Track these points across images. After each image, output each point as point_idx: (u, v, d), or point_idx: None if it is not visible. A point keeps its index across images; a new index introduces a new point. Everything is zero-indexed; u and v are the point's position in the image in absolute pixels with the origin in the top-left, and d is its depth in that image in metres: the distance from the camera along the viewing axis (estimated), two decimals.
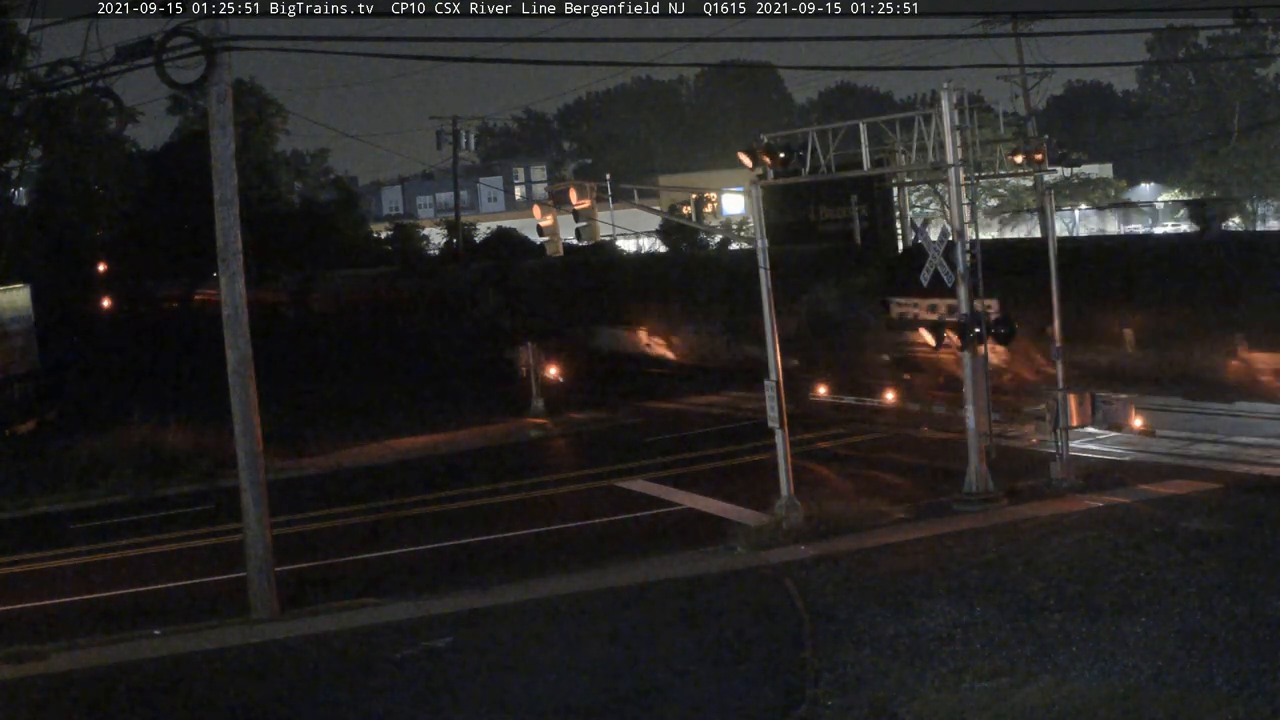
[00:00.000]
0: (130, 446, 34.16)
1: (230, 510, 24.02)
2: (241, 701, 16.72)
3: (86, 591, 23.71)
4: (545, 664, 17.09)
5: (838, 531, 22.59)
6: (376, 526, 27.26)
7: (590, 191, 25.73)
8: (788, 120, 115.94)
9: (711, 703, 15.33)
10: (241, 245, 20.63)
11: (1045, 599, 17.74)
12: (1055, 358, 25.81)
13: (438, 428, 38.66)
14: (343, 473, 33.69)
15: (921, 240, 25.43)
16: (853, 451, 31.02)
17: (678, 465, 30.77)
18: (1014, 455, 27.58)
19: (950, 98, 24.06)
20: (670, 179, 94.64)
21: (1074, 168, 56.83)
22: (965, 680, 15.14)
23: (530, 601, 20.16)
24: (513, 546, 24.80)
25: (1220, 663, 14.87)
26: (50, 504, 31.54)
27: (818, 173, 25.86)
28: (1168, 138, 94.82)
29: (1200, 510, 22.04)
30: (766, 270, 23.47)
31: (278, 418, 32.69)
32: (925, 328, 24.53)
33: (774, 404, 23.26)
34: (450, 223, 75.04)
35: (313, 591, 21.93)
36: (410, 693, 16.43)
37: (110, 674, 18.07)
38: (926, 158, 25.30)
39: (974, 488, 23.88)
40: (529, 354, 39.65)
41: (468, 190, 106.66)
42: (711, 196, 64.93)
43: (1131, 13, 70.34)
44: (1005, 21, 54.91)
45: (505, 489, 30.09)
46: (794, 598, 19.07)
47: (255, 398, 20.68)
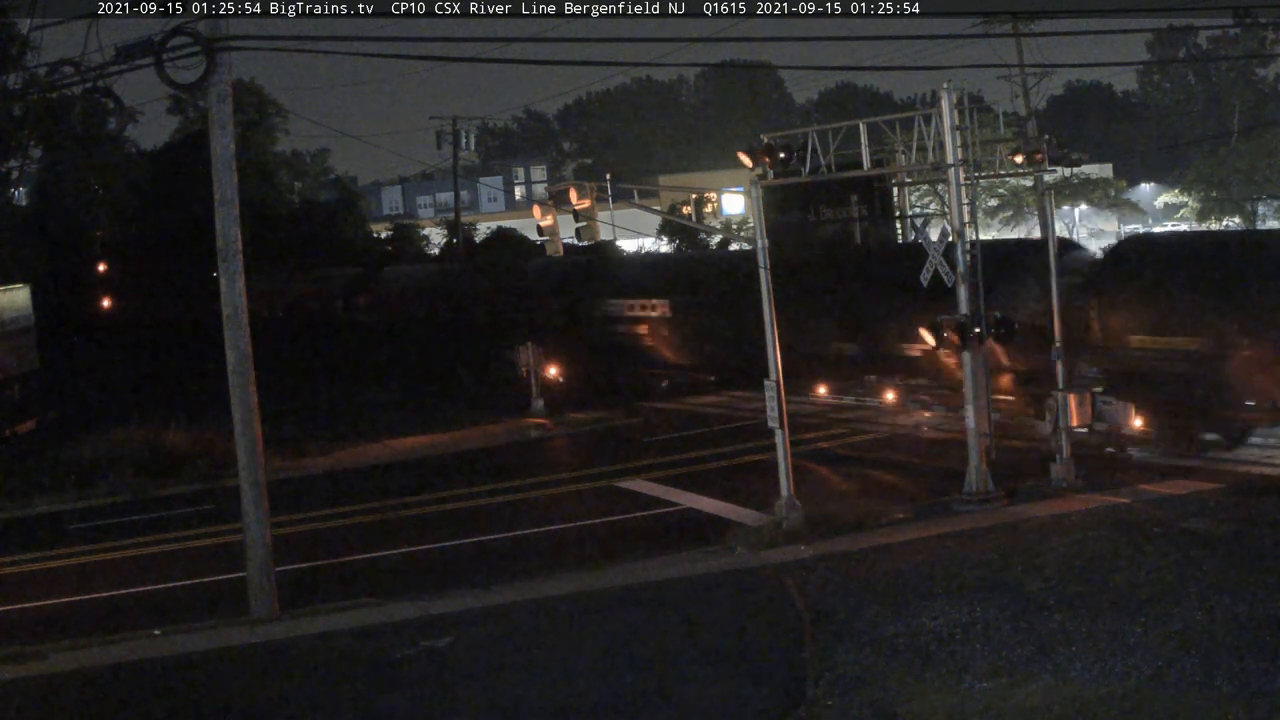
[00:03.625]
0: (130, 446, 34.16)
1: (230, 510, 24.01)
2: (241, 701, 16.71)
3: (86, 591, 23.71)
4: (545, 664, 17.09)
5: (838, 531, 22.60)
6: (376, 526, 27.25)
7: (590, 191, 25.75)
8: (788, 120, 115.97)
9: (711, 703, 15.32)
10: (241, 245, 20.64)
11: (1045, 599, 17.73)
12: (1055, 357, 25.80)
13: (438, 428, 38.67)
14: (343, 473, 33.69)
15: (922, 240, 25.43)
16: (853, 451, 31.03)
17: (678, 465, 30.77)
18: (1014, 455, 27.58)
19: (950, 98, 24.06)
20: (670, 179, 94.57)
21: (1074, 168, 56.73)
22: (965, 680, 15.14)
23: (530, 601, 20.15)
24: (513, 546, 24.80)
25: (1220, 663, 14.86)
26: (50, 504, 31.53)
27: (818, 173, 25.87)
28: (1168, 138, 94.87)
29: (1200, 510, 22.05)
30: (767, 270, 23.47)
31: (281, 415, 32.75)
32: (925, 327, 24.51)
33: (774, 404, 23.25)
34: (450, 223, 75.02)
35: (313, 591, 21.93)
36: (410, 693, 16.43)
37: (110, 674, 18.06)
38: (926, 158, 25.31)
39: (974, 487, 23.89)
40: (529, 354, 39.67)
41: (468, 190, 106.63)
42: (711, 196, 64.86)
43: (1131, 13, 70.41)
44: (1005, 21, 54.94)
45: (505, 489, 30.09)
46: (794, 598, 19.07)
47: (255, 398, 20.69)
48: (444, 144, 69.67)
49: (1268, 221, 74.26)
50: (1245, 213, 74.26)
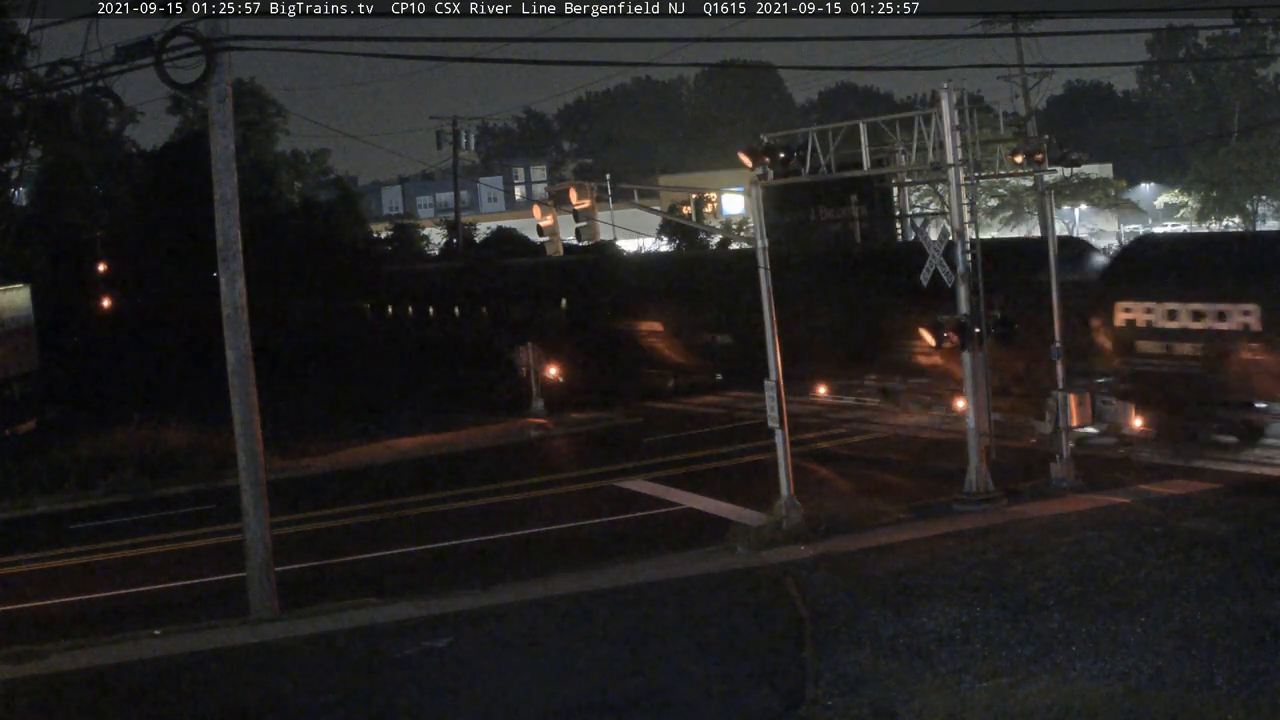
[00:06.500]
0: (130, 446, 34.20)
1: (230, 510, 24.02)
2: (241, 701, 16.72)
3: (86, 591, 23.72)
4: (545, 664, 17.09)
5: (838, 531, 22.61)
6: (376, 526, 27.26)
7: (590, 191, 25.73)
8: (788, 120, 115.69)
9: (711, 703, 15.32)
10: (241, 245, 20.64)
11: (1045, 599, 17.74)
12: (1054, 357, 25.80)
13: (438, 428, 38.66)
14: (343, 473, 33.69)
15: (922, 240, 25.43)
16: (853, 451, 31.03)
17: (678, 465, 30.77)
18: (1014, 455, 27.58)
19: (950, 98, 24.05)
20: (670, 179, 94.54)
21: (1074, 168, 56.71)
22: (965, 680, 15.14)
23: (530, 601, 20.16)
24: (513, 546, 24.80)
25: (1220, 663, 14.87)
26: (50, 504, 31.56)
27: (818, 173, 25.86)
28: (1168, 138, 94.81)
29: (1200, 510, 22.06)
30: (766, 270, 23.47)
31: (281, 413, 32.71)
32: (925, 327, 24.52)
33: (774, 404, 23.25)
34: (450, 223, 74.98)
35: (313, 591, 21.92)
36: (410, 693, 16.43)
37: (110, 674, 18.08)
38: (926, 158, 25.29)
39: (974, 488, 23.89)
40: (529, 354, 39.66)
41: (468, 190, 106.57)
42: (711, 196, 64.84)
43: (1131, 13, 70.46)
44: (1005, 21, 54.89)
45: (505, 489, 30.09)
46: (794, 598, 19.07)
47: (255, 398, 20.69)
48: (444, 144, 69.64)
49: (1268, 221, 74.28)
50: (1245, 213, 74.27)
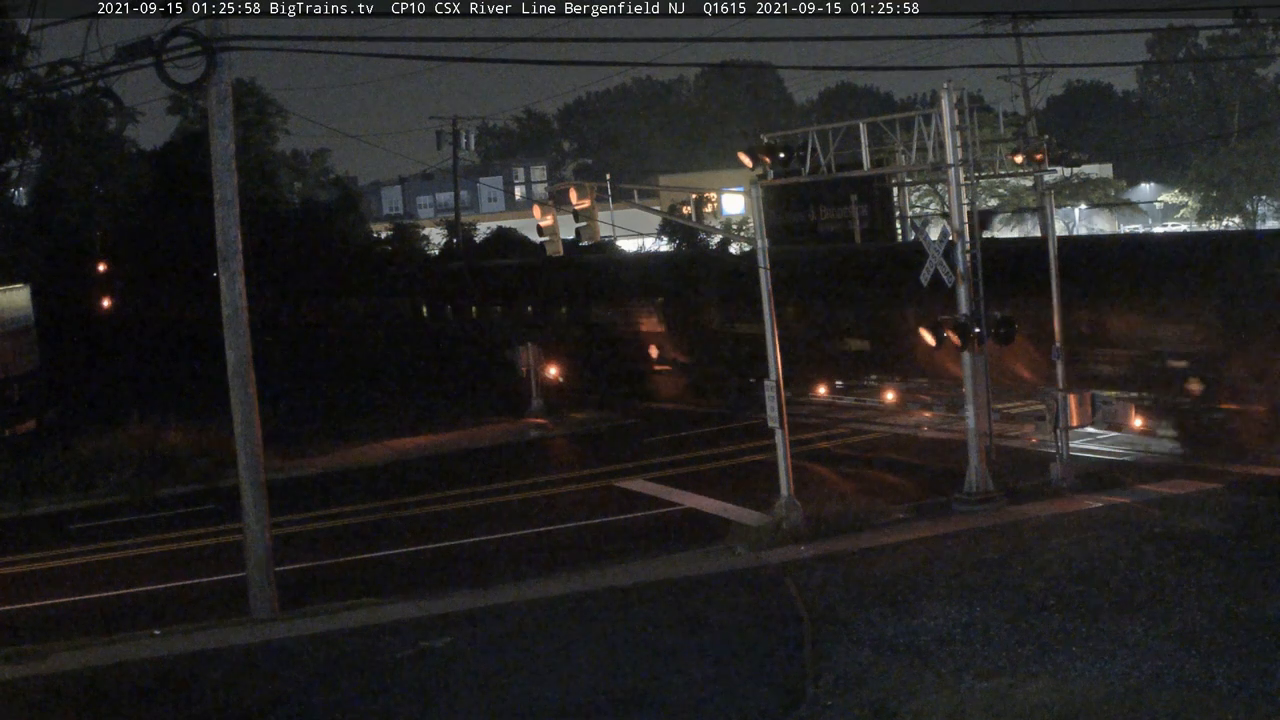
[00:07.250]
0: (130, 446, 34.16)
1: (230, 510, 24.02)
2: (241, 701, 16.72)
3: (86, 591, 23.71)
4: (545, 664, 17.09)
5: (838, 531, 22.60)
6: (376, 526, 27.26)
7: (590, 191, 25.74)
8: (788, 120, 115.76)
9: (711, 703, 15.33)
10: (241, 245, 20.64)
11: (1045, 599, 17.75)
12: (1054, 357, 25.80)
13: (438, 428, 38.66)
14: (343, 473, 33.68)
15: (921, 240, 25.42)
16: (853, 451, 31.03)
17: (677, 465, 30.77)
18: (1014, 455, 27.59)
19: (950, 98, 24.05)
20: (670, 179, 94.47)
21: (1074, 168, 56.67)
22: (965, 680, 15.14)
23: (530, 601, 20.16)
24: (513, 546, 24.80)
25: (1220, 663, 14.88)
26: (50, 504, 31.54)
27: (818, 173, 25.87)
28: (1168, 138, 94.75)
29: (1200, 510, 22.06)
30: (766, 270, 23.47)
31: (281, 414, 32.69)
32: (925, 327, 24.50)
33: (774, 404, 23.26)
34: (450, 223, 74.97)
35: (313, 591, 21.93)
36: (410, 693, 16.43)
37: (110, 674, 18.08)
38: (926, 158, 25.30)
39: (974, 488, 23.88)
40: (529, 354, 39.65)
41: (468, 190, 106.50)
42: (711, 196, 64.72)
43: (1131, 13, 70.49)
44: (1005, 21, 54.89)
45: (505, 489, 30.09)
46: (794, 598, 19.08)
47: (255, 398, 20.70)
48: (444, 144, 69.56)
49: (1267, 221, 74.25)
50: (1245, 213, 74.25)
